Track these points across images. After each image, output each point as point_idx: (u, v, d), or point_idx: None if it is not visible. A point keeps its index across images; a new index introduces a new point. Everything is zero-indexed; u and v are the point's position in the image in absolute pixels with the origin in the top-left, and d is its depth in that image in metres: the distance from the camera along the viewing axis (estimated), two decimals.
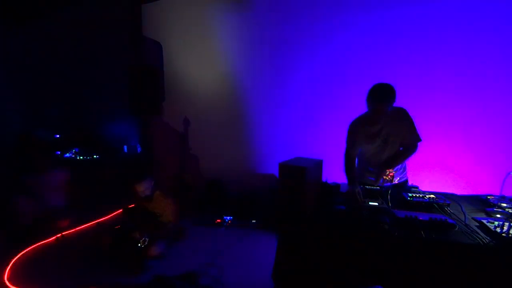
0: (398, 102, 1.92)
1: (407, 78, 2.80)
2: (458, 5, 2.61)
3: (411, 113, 2.02)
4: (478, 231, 1.37)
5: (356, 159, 2.21)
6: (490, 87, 2.61)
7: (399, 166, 2.13)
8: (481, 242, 1.26)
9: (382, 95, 1.85)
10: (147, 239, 2.39)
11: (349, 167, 2.08)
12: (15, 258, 2.58)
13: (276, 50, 3.43)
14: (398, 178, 2.19)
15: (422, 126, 2.05)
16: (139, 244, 2.36)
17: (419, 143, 2.04)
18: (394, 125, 2.00)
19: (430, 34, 2.71)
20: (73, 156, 5.40)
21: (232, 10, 3.61)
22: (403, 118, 2.00)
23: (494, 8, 2.51)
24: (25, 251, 2.71)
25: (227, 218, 3.38)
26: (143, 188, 2.67)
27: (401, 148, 2.09)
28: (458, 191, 2.00)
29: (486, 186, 2.46)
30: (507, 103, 2.59)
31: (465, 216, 1.53)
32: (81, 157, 5.32)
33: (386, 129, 2.02)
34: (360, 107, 2.02)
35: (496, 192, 1.76)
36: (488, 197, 1.84)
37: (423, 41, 2.74)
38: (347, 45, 3.06)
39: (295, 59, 3.34)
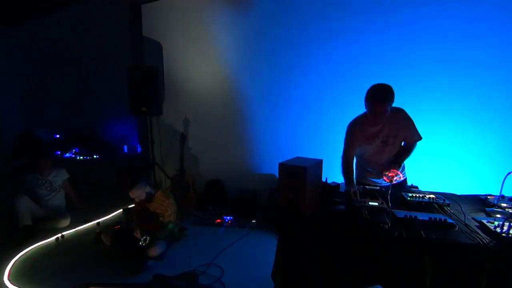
0: (398, 102, 1.92)
1: (407, 77, 2.79)
2: (459, 5, 2.61)
3: (411, 113, 2.02)
4: (478, 231, 1.37)
5: (354, 160, 2.21)
6: (490, 86, 2.61)
7: None
8: (481, 242, 1.26)
9: (381, 95, 1.85)
10: (148, 238, 2.38)
11: (346, 168, 2.07)
12: (15, 258, 2.58)
13: (276, 50, 3.42)
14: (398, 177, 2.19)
15: (421, 126, 2.04)
16: (140, 243, 2.35)
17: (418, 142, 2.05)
18: (393, 126, 2.00)
19: (430, 34, 2.71)
20: (73, 156, 5.41)
21: (232, 10, 3.61)
22: (403, 119, 2.00)
23: (495, 6, 2.52)
24: (25, 251, 2.71)
25: (227, 218, 3.38)
26: (137, 194, 2.65)
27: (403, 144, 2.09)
28: (458, 191, 2.00)
29: (486, 186, 2.46)
30: (507, 102, 2.59)
31: (465, 216, 1.53)
32: (81, 157, 5.34)
33: (385, 130, 2.01)
34: (361, 107, 2.02)
35: (496, 192, 1.76)
36: (488, 197, 1.84)
37: (424, 40, 2.74)
38: (347, 45, 3.06)
39: (295, 59, 3.34)
